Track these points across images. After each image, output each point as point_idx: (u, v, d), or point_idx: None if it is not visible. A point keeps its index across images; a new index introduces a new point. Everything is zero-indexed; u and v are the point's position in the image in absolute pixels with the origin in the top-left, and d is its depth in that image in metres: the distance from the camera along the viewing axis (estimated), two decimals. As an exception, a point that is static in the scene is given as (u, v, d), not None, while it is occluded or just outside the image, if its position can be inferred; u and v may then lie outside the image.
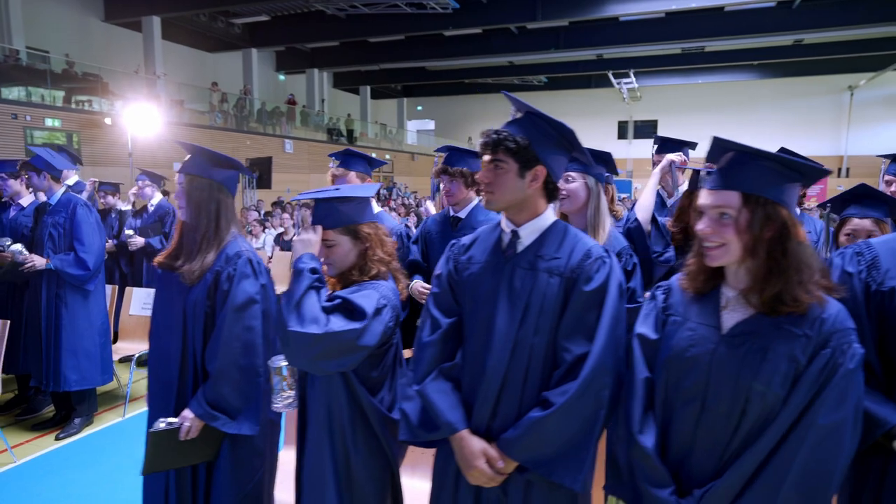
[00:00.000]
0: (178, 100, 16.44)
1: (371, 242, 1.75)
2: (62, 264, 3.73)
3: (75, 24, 16.78)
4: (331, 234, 1.73)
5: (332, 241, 1.73)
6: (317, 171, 20.00)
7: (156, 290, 2.18)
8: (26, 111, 11.67)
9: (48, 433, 3.89)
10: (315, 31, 20.00)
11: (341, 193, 1.75)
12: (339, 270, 1.76)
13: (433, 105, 31.77)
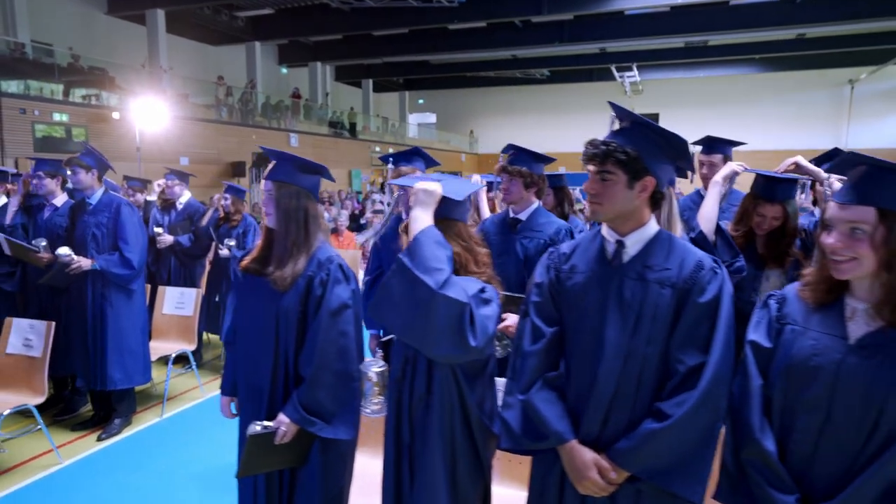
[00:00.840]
0: (184, 93, 16.34)
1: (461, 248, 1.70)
2: (108, 265, 3.73)
3: (78, 17, 16.64)
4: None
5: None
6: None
7: (238, 295, 2.18)
8: (35, 105, 11.59)
9: (89, 433, 3.91)
10: (319, 25, 19.87)
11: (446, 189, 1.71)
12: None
13: (435, 98, 31.67)
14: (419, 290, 1.49)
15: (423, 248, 1.54)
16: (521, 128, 30.36)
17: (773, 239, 2.53)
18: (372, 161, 23.30)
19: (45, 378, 3.46)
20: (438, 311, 1.47)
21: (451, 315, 1.47)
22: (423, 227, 1.59)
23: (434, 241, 1.56)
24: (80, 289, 3.80)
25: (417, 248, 1.54)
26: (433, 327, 1.49)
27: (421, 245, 1.54)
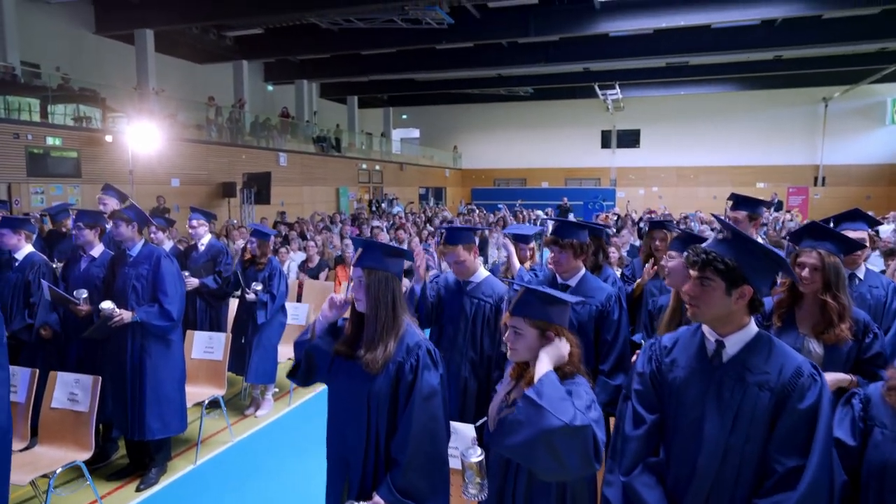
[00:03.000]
0: (172, 114, 16.26)
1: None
2: (149, 317, 3.78)
3: (66, 37, 16.47)
4: (521, 322, 1.88)
5: (520, 330, 1.89)
6: (308, 184, 19.98)
7: (333, 375, 2.25)
8: (28, 130, 11.47)
9: (127, 483, 3.95)
10: (307, 44, 19.96)
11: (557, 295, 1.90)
12: (519, 359, 1.92)
13: (418, 114, 31.88)
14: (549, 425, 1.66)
15: (550, 388, 1.72)
16: (504, 143, 30.74)
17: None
18: (359, 178, 23.37)
19: (91, 433, 3.51)
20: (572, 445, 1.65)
21: (581, 448, 1.66)
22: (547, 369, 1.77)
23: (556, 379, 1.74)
24: (119, 340, 3.84)
25: (545, 388, 1.72)
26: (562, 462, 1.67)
27: (547, 384, 1.73)
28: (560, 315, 1.92)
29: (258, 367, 4.85)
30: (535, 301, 1.88)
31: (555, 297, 1.91)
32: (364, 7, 15.59)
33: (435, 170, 29.91)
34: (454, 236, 3.18)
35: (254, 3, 15.63)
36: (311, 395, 5.62)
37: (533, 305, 1.88)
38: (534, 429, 1.68)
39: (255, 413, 5.08)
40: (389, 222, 13.25)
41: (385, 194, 23.59)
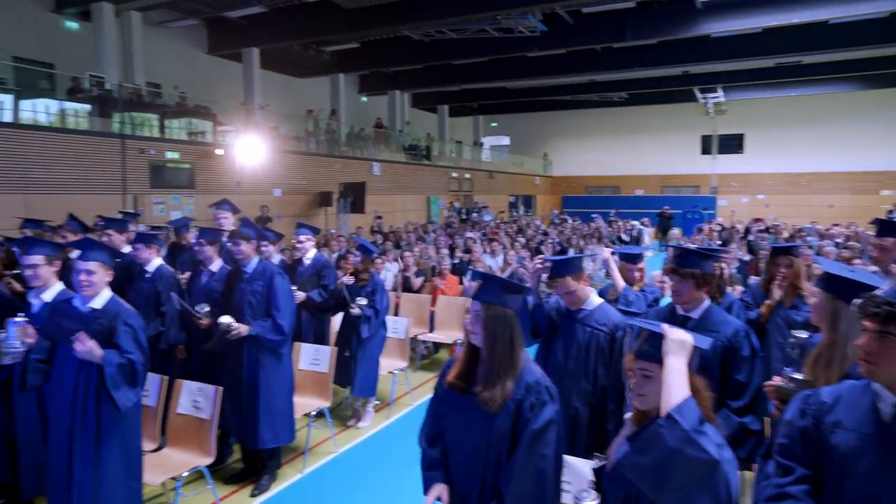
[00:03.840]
0: (274, 126, 17.15)
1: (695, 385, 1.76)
2: (263, 331, 3.97)
3: (182, 58, 17.86)
4: (651, 365, 1.73)
5: (650, 373, 1.73)
6: (400, 192, 20.40)
7: (447, 409, 2.23)
8: (152, 145, 12.50)
9: (242, 487, 4.14)
10: (400, 56, 20.48)
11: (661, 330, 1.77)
12: (649, 407, 1.76)
13: (508, 121, 31.79)
14: (694, 455, 1.52)
15: (690, 413, 1.57)
16: (596, 150, 29.99)
17: None
18: (449, 186, 23.58)
19: (213, 439, 3.71)
20: (716, 481, 1.50)
21: (714, 488, 1.51)
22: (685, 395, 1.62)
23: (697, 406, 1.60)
24: (236, 353, 4.05)
25: (688, 412, 1.57)
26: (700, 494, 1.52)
27: (688, 409, 1.58)
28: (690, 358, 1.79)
29: (363, 381, 4.97)
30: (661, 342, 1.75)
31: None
32: (457, 18, 15.75)
33: (525, 177, 29.68)
34: (562, 268, 3.06)
35: (352, 18, 16.22)
36: (410, 408, 5.68)
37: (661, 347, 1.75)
38: (670, 448, 1.55)
39: (356, 424, 5.19)
40: (481, 232, 13.24)
41: (475, 202, 23.65)
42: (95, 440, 2.88)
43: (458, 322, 6.98)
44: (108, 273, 3.02)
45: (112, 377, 2.84)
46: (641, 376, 1.76)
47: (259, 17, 16.90)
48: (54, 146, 10.87)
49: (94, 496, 2.86)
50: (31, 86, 12.45)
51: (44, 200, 10.37)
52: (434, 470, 2.17)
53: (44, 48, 14.19)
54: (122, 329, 2.92)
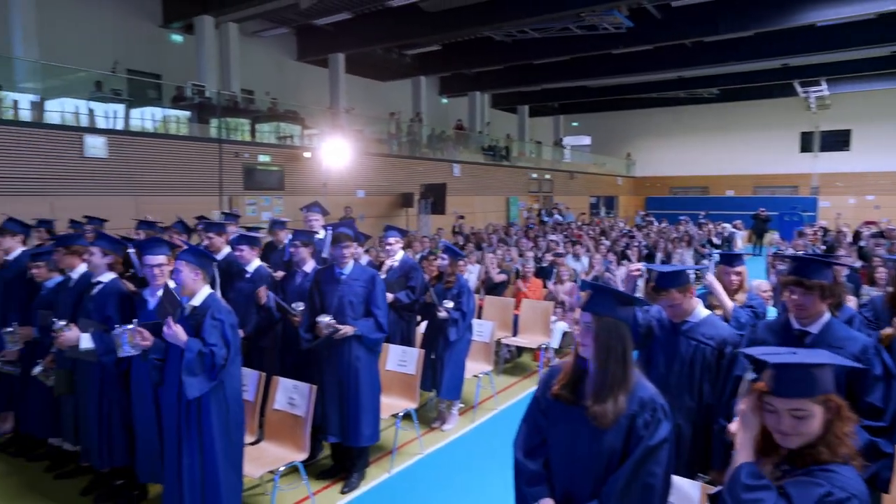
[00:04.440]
0: (359, 129, 17.60)
1: (836, 413, 1.60)
2: (366, 330, 4.05)
3: (273, 64, 18.72)
4: (805, 402, 1.60)
5: (805, 411, 1.58)
6: (480, 193, 20.40)
7: (552, 420, 2.16)
8: (246, 149, 13.16)
9: (333, 483, 4.25)
10: (481, 57, 20.49)
11: (822, 360, 1.62)
12: (802, 443, 1.63)
13: (589, 121, 31.06)
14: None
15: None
16: (683, 149, 28.74)
17: None
18: (529, 187, 23.33)
19: (307, 436, 3.82)
20: None
21: None
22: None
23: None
24: (336, 352, 4.13)
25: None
26: None
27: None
28: (830, 379, 1.63)
29: (449, 383, 4.97)
30: (816, 374, 1.59)
31: (832, 364, 1.61)
32: (540, 17, 15.54)
33: (606, 178, 28.91)
34: (668, 280, 2.89)
35: (435, 21, 16.38)
36: (494, 412, 5.64)
37: (816, 379, 1.59)
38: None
39: (441, 427, 5.21)
40: (562, 233, 12.98)
41: (555, 204, 23.27)
42: (198, 432, 3.06)
43: (542, 326, 6.86)
44: (198, 271, 3.22)
45: (189, 363, 2.99)
46: (794, 418, 1.59)
47: (345, 24, 17.43)
48: (160, 151, 11.67)
49: (201, 484, 3.03)
50: (141, 95, 13.42)
51: (151, 202, 11.15)
52: (538, 485, 2.10)
53: (152, 60, 15.30)
54: (210, 322, 3.08)
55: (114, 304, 3.76)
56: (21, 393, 4.49)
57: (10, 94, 10.62)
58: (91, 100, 11.55)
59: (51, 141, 10.12)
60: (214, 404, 3.12)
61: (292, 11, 16.06)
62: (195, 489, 3.06)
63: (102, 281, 3.87)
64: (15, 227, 4.80)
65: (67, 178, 10.27)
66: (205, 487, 3.08)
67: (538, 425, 2.22)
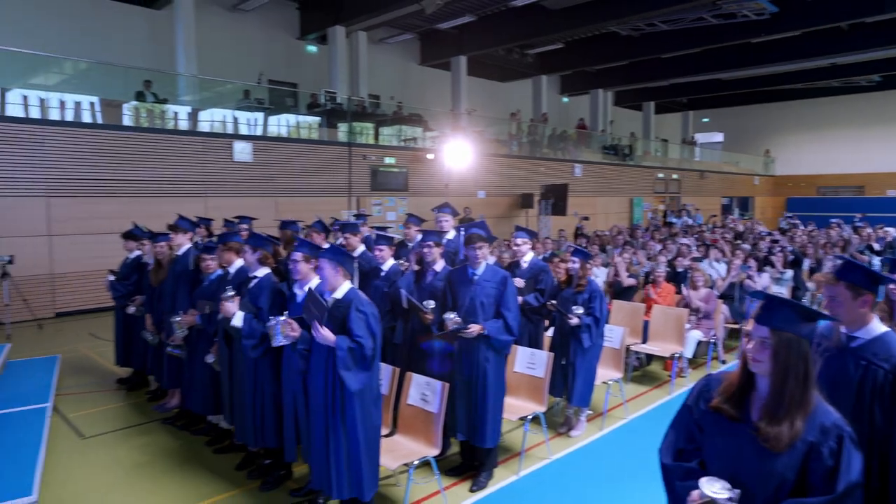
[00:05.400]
0: (479, 130, 17.77)
1: None
2: (496, 331, 4.06)
3: (398, 69, 19.41)
4: None
5: None
6: (602, 194, 19.77)
7: (708, 434, 2.03)
8: (372, 152, 13.76)
9: (462, 480, 4.29)
10: (604, 54, 19.88)
11: None
12: None
13: (722, 116, 29.03)
14: None
15: None
16: (833, 145, 25.97)
17: None
18: (654, 187, 22.25)
19: (439, 432, 3.88)
20: None
21: None
22: None
23: None
24: (467, 352, 4.18)
25: None
26: None
27: None
28: None
29: (582, 390, 4.84)
30: None
31: None
32: (673, 8, 14.75)
33: (741, 177, 26.85)
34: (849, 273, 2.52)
35: (558, 19, 16.12)
36: (624, 421, 5.41)
37: None
38: None
39: (568, 433, 5.08)
40: (694, 236, 12.20)
41: (683, 205, 21.99)
42: (342, 420, 3.25)
43: (674, 334, 6.49)
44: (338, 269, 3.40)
45: (342, 360, 3.17)
46: None
47: (468, 27, 17.67)
48: (296, 155, 12.52)
49: (346, 469, 3.22)
50: (280, 103, 14.49)
51: (288, 202, 12.00)
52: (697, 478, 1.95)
53: (290, 70, 16.47)
54: (355, 315, 3.24)
55: (266, 296, 4.05)
56: (186, 373, 4.99)
57: (172, 106, 11.91)
58: (237, 109, 12.64)
59: (205, 147, 11.21)
60: (357, 395, 3.28)
61: (417, 17, 16.55)
62: (341, 473, 3.25)
63: (257, 276, 4.20)
64: (185, 225, 5.35)
65: (219, 181, 11.32)
66: (350, 472, 3.26)
67: (690, 434, 2.08)
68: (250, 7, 15.53)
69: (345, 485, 3.32)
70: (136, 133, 10.61)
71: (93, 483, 4.25)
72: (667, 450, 2.11)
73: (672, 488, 2.04)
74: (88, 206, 9.87)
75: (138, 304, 5.84)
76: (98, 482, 4.27)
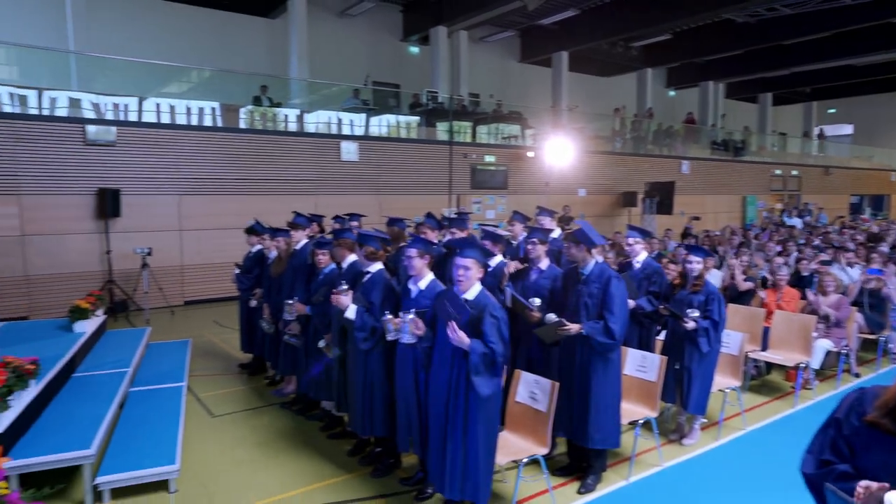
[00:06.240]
0: (581, 127, 17.37)
1: None
2: (593, 332, 3.96)
3: (497, 67, 19.39)
4: None
5: None
6: (711, 192, 18.69)
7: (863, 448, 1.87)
8: (473, 150, 13.85)
9: (569, 481, 4.23)
10: (716, 43, 18.77)
11: None
12: None
13: (852, 106, 26.52)
14: None
15: None
16: None
17: None
18: (770, 184, 20.71)
19: (549, 432, 3.84)
20: None
21: None
22: None
23: None
24: (568, 349, 4.14)
25: None
26: None
27: None
28: None
29: (698, 398, 4.62)
30: None
31: None
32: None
33: (874, 173, 24.36)
34: None
35: (667, 8, 15.41)
36: (741, 433, 5.09)
37: None
38: None
39: (681, 440, 4.86)
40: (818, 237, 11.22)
41: (805, 203, 20.32)
42: (464, 418, 3.26)
43: (800, 342, 6.02)
44: (481, 270, 3.36)
45: (475, 365, 3.18)
46: None
47: (570, 21, 17.32)
48: (398, 154, 12.86)
49: (463, 466, 3.24)
50: (384, 104, 14.93)
51: (391, 200, 12.36)
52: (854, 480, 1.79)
53: (392, 71, 16.94)
54: (489, 320, 3.22)
55: (379, 291, 4.20)
56: (301, 361, 5.29)
57: (282, 109, 12.60)
58: (341, 111, 13.15)
59: (314, 147, 11.79)
60: (484, 400, 3.30)
61: (518, 14, 16.45)
62: (455, 475, 3.29)
63: (370, 271, 4.35)
64: (302, 221, 5.67)
65: (327, 179, 11.87)
66: (465, 475, 3.30)
67: (837, 448, 1.93)
68: (357, 12, 16.14)
69: (457, 487, 3.35)
70: (252, 135, 11.35)
71: (224, 457, 4.62)
72: (812, 460, 1.98)
73: (819, 490, 1.90)
74: (212, 203, 10.71)
75: (258, 297, 6.25)
76: (228, 457, 4.63)
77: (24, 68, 11.03)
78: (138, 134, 10.08)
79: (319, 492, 4.11)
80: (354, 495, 4.06)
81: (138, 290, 9.80)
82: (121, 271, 9.80)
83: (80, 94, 10.17)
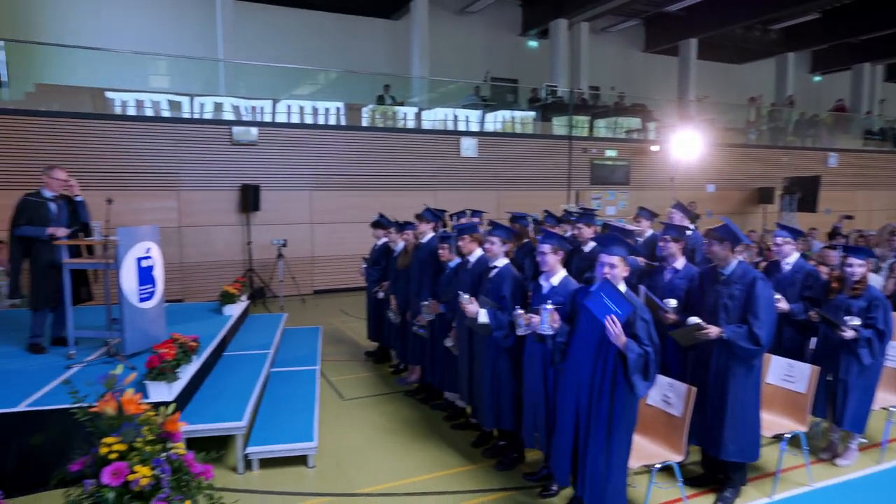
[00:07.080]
0: (710, 118, 16.27)
1: None
2: (735, 336, 3.70)
3: (620, 58, 18.68)
4: None
5: None
6: (863, 188, 16.77)
7: None
8: (594, 145, 13.48)
9: (704, 493, 4.00)
10: (876, 19, 16.73)
11: None
12: None
13: None
14: None
15: None
16: None
17: None
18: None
19: (684, 438, 3.65)
20: None
21: None
22: None
23: None
24: (704, 353, 3.90)
25: None
26: None
27: None
28: None
29: (856, 414, 4.18)
30: None
31: None
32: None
33: None
34: None
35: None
36: (908, 458, 4.54)
37: None
38: None
39: (834, 460, 4.42)
40: None
41: None
42: (608, 421, 3.19)
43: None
44: (626, 268, 3.27)
45: (633, 363, 3.09)
46: None
47: (699, 6, 16.30)
48: (517, 149, 12.79)
49: (605, 468, 3.19)
50: (501, 100, 14.92)
51: (509, 196, 12.36)
52: None
53: (511, 66, 16.89)
54: (640, 322, 3.13)
55: (508, 286, 4.20)
56: (427, 351, 5.44)
57: (402, 108, 12.98)
58: (458, 107, 13.29)
59: (433, 143, 12.05)
60: (622, 396, 3.22)
61: (643, 2, 15.75)
62: (597, 469, 3.22)
63: (498, 266, 4.37)
64: (428, 216, 5.82)
65: (446, 175, 12.09)
66: (609, 470, 3.23)
67: None
68: (476, 9, 16.26)
69: (597, 490, 3.27)
70: (375, 133, 11.82)
71: (355, 439, 4.88)
72: None
73: None
74: (338, 198, 11.31)
75: (385, 289, 6.50)
76: (359, 438, 4.88)
77: (179, 78, 12.31)
78: (274, 134, 10.89)
79: (445, 479, 4.21)
80: (479, 486, 4.11)
81: (274, 279, 10.60)
82: (259, 261, 10.65)
83: (223, 99, 11.17)
